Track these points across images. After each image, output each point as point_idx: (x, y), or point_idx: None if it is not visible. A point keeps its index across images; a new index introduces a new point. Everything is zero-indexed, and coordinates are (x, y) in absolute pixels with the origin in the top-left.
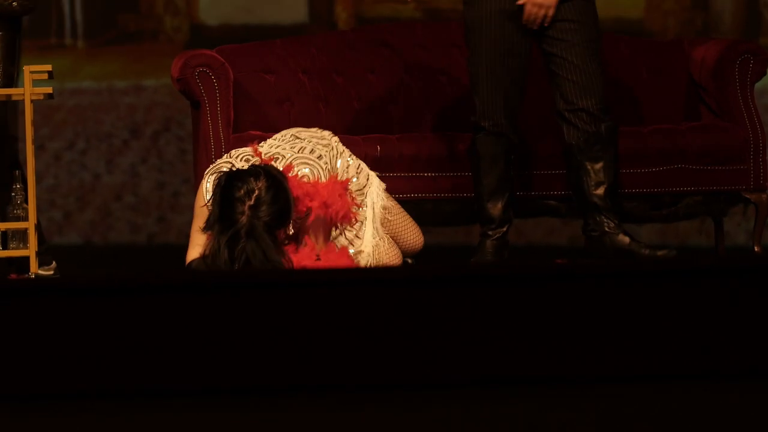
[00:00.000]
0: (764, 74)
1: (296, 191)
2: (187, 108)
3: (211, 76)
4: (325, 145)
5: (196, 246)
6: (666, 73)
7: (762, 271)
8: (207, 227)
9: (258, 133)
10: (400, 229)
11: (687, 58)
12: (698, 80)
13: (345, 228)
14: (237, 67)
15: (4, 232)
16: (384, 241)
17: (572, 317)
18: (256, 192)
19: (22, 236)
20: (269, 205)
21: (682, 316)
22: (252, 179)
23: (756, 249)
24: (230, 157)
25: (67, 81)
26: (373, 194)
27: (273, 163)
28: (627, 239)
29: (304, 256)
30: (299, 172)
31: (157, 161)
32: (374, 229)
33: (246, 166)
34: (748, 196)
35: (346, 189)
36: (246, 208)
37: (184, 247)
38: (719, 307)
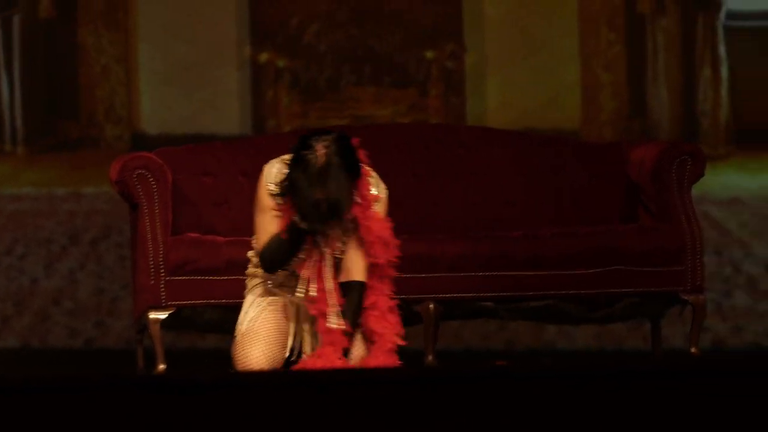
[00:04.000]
0: (702, 175)
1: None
2: (127, 215)
3: (149, 178)
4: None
5: (265, 233)
6: (605, 175)
7: (699, 374)
8: (281, 190)
9: (196, 235)
10: None
11: (626, 160)
12: (637, 181)
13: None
14: (176, 169)
15: None
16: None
17: (510, 418)
18: (328, 141)
19: None
20: (340, 148)
21: (619, 418)
22: (321, 135)
23: (693, 351)
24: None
25: (7, 187)
26: None
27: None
28: None
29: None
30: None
31: (96, 267)
32: None
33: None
34: (685, 298)
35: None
36: (321, 146)
37: (123, 352)
38: (656, 410)
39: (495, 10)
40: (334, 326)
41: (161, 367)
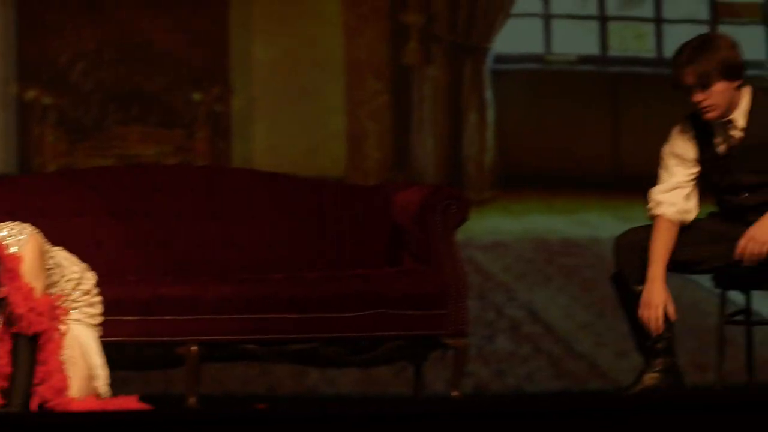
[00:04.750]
0: (466, 220)
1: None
2: None
3: None
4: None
5: None
6: (369, 218)
7: (459, 417)
8: None
9: None
10: None
11: (390, 203)
12: (401, 225)
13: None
14: None
15: None
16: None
17: None
18: None
19: None
20: None
21: None
22: None
23: (454, 394)
24: None
25: None
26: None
27: None
28: None
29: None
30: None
31: None
32: None
33: None
34: (448, 342)
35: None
36: None
37: None
38: None
39: (263, 54)
40: None
41: None
